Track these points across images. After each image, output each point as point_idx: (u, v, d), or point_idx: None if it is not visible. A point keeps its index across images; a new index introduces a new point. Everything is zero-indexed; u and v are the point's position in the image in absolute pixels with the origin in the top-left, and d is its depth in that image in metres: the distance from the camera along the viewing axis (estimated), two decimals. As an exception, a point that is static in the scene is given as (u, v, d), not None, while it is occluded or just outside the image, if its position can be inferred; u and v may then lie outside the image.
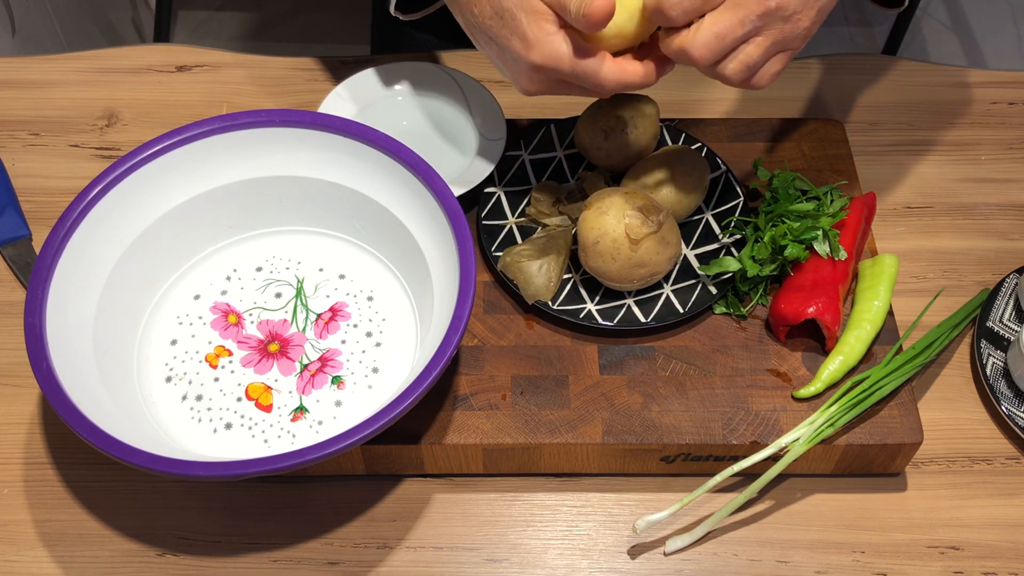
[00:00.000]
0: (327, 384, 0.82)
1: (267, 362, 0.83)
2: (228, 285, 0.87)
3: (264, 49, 1.00)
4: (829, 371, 0.83)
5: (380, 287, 0.87)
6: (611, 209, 0.82)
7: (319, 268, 0.88)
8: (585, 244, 0.83)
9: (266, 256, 0.89)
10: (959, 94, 1.08)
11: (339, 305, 0.86)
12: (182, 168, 0.83)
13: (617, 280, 0.83)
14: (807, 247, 0.87)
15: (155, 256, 0.84)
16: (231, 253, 0.88)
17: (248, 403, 0.80)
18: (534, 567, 0.79)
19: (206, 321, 0.85)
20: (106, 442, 0.68)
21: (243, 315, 0.85)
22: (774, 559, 0.79)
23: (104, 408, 0.72)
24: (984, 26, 2.14)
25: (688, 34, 0.72)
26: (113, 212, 0.81)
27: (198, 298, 0.86)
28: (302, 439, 0.79)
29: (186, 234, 0.85)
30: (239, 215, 0.87)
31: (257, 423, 0.79)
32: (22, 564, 0.79)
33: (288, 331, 0.84)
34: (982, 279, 0.95)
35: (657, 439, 0.80)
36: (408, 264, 0.85)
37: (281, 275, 0.87)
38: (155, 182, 0.83)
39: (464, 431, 0.80)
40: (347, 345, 0.84)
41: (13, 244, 0.95)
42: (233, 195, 0.86)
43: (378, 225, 0.85)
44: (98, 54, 1.11)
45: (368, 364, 0.83)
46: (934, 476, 0.84)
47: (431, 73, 0.99)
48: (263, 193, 0.86)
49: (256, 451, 0.78)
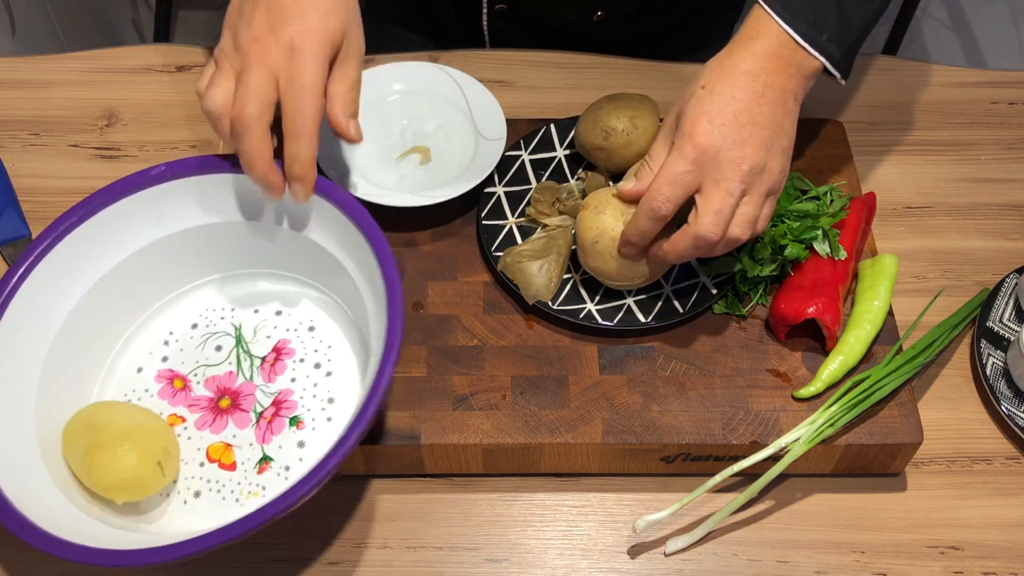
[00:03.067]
0: (286, 427, 0.80)
1: (222, 419, 0.80)
2: (167, 350, 0.84)
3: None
4: (829, 371, 0.83)
5: (318, 315, 0.85)
6: (608, 208, 0.82)
7: (254, 310, 0.85)
8: (584, 244, 0.83)
9: (198, 311, 0.86)
10: (959, 94, 1.08)
11: (282, 343, 0.83)
12: (86, 247, 0.79)
13: (617, 279, 0.83)
14: (807, 247, 0.87)
15: (87, 338, 0.81)
16: (163, 317, 0.85)
17: (211, 465, 0.78)
18: (534, 567, 0.79)
19: (153, 392, 0.82)
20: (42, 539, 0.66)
21: (188, 377, 0.82)
22: (774, 559, 0.79)
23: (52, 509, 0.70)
24: (984, 26, 2.14)
25: (692, 223, 0.76)
26: (32, 306, 0.77)
27: (141, 371, 0.83)
28: (272, 488, 0.77)
29: (111, 309, 0.82)
30: (160, 277, 0.84)
31: (224, 484, 0.77)
32: (22, 564, 0.79)
33: (236, 382, 0.82)
34: (982, 279, 0.95)
35: (657, 439, 0.80)
36: (340, 287, 0.82)
37: (217, 326, 0.85)
38: (66, 265, 0.79)
39: (464, 431, 0.80)
40: (298, 382, 0.81)
41: (13, 244, 0.95)
42: (148, 258, 0.82)
43: (302, 254, 0.83)
44: (98, 54, 1.11)
45: (322, 396, 0.81)
46: (934, 476, 0.84)
47: (431, 73, 0.99)
48: (177, 249, 0.83)
49: (229, 512, 0.76)
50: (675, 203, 0.76)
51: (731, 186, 0.75)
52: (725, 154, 0.75)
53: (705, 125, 0.75)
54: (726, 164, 0.75)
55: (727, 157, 0.75)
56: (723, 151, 0.75)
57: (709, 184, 0.75)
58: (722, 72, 0.77)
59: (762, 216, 0.78)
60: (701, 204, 0.76)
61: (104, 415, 0.76)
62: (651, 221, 0.77)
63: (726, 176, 0.75)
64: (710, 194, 0.75)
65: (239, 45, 0.74)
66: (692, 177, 0.75)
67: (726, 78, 0.76)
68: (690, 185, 0.76)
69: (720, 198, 0.75)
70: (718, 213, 0.75)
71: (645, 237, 0.79)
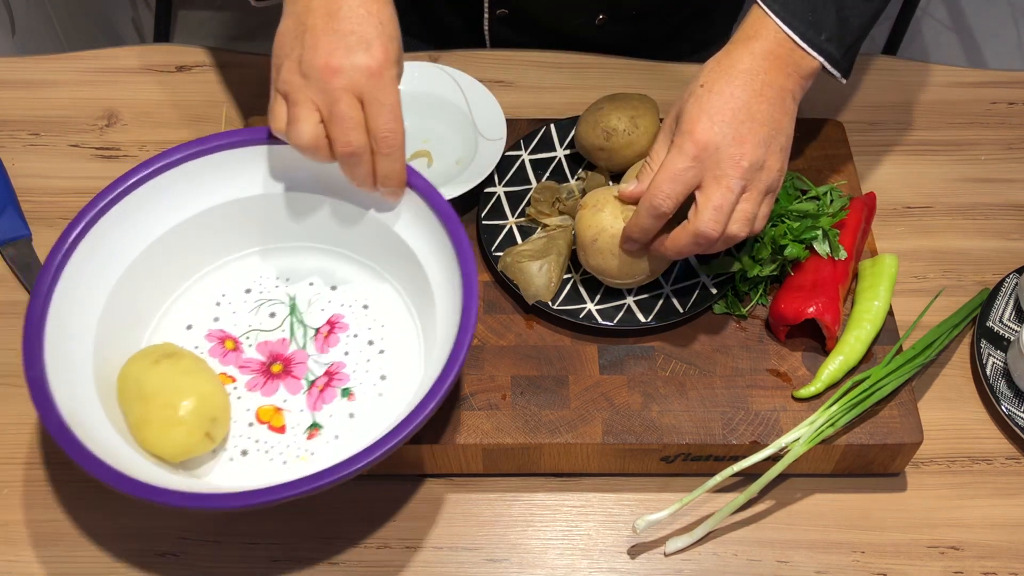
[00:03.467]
0: (337, 397, 0.81)
1: (272, 383, 0.82)
2: (219, 311, 0.85)
3: (264, 49, 0.99)
4: (829, 371, 0.83)
5: (373, 295, 0.86)
6: (607, 206, 0.82)
7: (308, 283, 0.87)
8: (584, 242, 0.83)
9: (252, 277, 0.87)
10: (959, 94, 1.08)
11: (336, 317, 0.85)
12: (160, 198, 0.81)
13: (618, 277, 0.83)
14: (807, 247, 0.87)
15: (142, 291, 0.82)
16: (216, 278, 0.86)
17: (260, 427, 0.79)
18: (534, 567, 0.79)
19: (203, 350, 0.83)
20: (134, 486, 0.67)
21: (239, 339, 0.84)
22: (774, 559, 0.79)
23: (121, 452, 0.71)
24: (984, 26, 2.14)
25: (692, 219, 0.77)
26: (99, 248, 0.78)
27: (190, 328, 0.84)
28: (320, 454, 0.78)
29: (169, 265, 0.83)
30: (220, 239, 0.86)
31: (273, 445, 0.78)
32: (22, 564, 0.79)
33: (288, 350, 0.83)
34: (982, 279, 0.95)
35: (657, 439, 0.80)
36: (400, 268, 0.84)
37: (271, 294, 0.86)
38: (135, 215, 0.80)
39: (464, 431, 0.80)
40: (351, 356, 0.83)
41: (13, 244, 0.95)
42: (213, 220, 0.84)
43: (365, 234, 0.84)
44: (98, 54, 1.11)
45: (375, 372, 0.82)
46: (934, 476, 0.84)
47: (431, 73, 0.99)
48: (244, 214, 0.84)
49: (276, 474, 0.77)
50: (676, 200, 0.76)
51: (731, 182, 0.75)
52: (725, 151, 0.75)
53: (705, 122, 0.75)
54: (726, 161, 0.75)
55: (727, 154, 0.75)
56: (723, 148, 0.75)
57: (709, 180, 0.76)
58: (721, 71, 0.77)
59: (760, 214, 0.78)
60: (701, 200, 0.76)
61: (154, 380, 0.75)
62: (652, 218, 0.77)
63: (726, 172, 0.75)
64: (710, 190, 0.76)
65: (308, 73, 0.74)
66: (692, 174, 0.76)
67: (724, 76, 0.77)
68: (691, 182, 0.76)
69: (720, 194, 0.75)
70: (718, 209, 0.75)
71: (646, 234, 0.79)
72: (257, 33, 2.17)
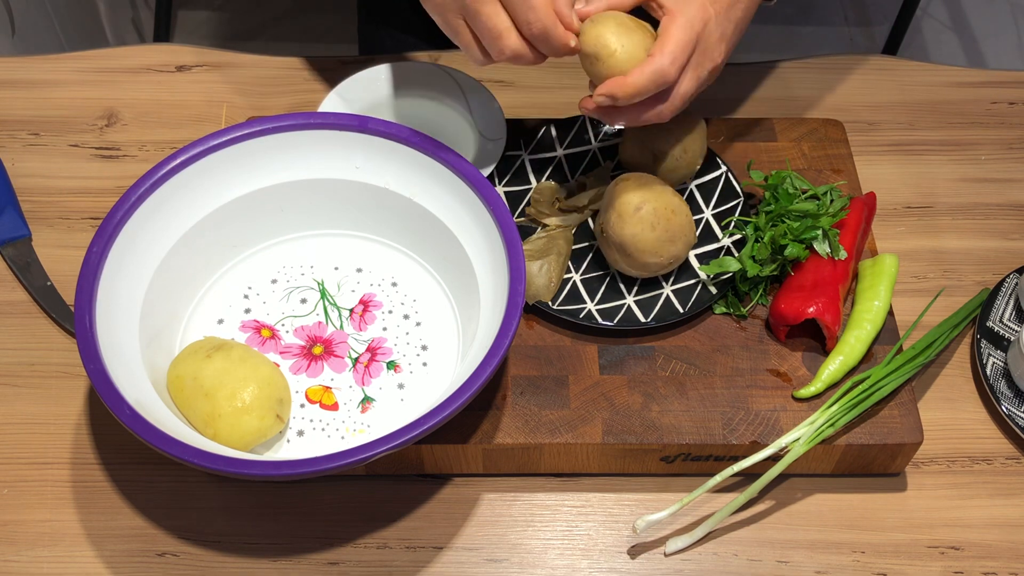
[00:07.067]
0: (383, 371, 0.82)
1: (317, 364, 0.83)
2: (248, 303, 0.86)
3: (264, 49, 1.00)
4: (829, 371, 0.83)
5: (400, 271, 0.88)
6: (653, 183, 0.83)
7: (334, 267, 0.88)
8: (624, 212, 0.82)
9: (276, 267, 0.88)
10: (959, 94, 1.08)
11: (368, 296, 0.86)
12: (180, 197, 0.82)
13: (646, 253, 0.83)
14: (807, 247, 0.87)
15: (172, 291, 0.83)
16: (239, 272, 0.88)
17: (312, 406, 0.81)
18: (534, 567, 0.79)
19: (241, 341, 0.84)
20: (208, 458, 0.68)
21: (275, 327, 0.85)
22: (774, 559, 0.79)
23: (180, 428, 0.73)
24: (984, 26, 2.14)
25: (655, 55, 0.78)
26: (127, 254, 0.79)
27: (222, 322, 0.85)
28: (377, 425, 0.79)
29: (193, 263, 0.84)
30: (241, 231, 0.87)
31: (328, 423, 0.80)
32: (22, 564, 0.79)
33: (327, 332, 0.85)
34: (982, 279, 0.95)
35: (657, 439, 0.80)
36: (425, 241, 0.85)
37: (298, 281, 0.87)
38: (155, 217, 0.81)
39: (464, 431, 0.80)
40: (389, 331, 0.84)
41: (13, 244, 0.95)
42: (234, 212, 0.85)
43: (384, 214, 0.86)
44: (98, 54, 1.11)
45: (415, 344, 0.84)
46: (934, 476, 0.84)
47: (431, 73, 0.99)
48: (263, 205, 0.86)
49: (336, 449, 0.76)
50: (680, 71, 0.78)
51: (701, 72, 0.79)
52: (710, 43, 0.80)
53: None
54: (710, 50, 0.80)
55: (709, 45, 0.80)
56: (710, 43, 0.80)
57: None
58: None
59: (699, 88, 0.81)
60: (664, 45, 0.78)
61: (211, 374, 0.76)
62: (654, 84, 0.77)
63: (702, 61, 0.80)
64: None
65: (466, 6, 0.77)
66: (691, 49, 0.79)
67: None
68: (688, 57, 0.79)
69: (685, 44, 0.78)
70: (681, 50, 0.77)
71: (632, 98, 0.78)
72: (257, 33, 2.17)
